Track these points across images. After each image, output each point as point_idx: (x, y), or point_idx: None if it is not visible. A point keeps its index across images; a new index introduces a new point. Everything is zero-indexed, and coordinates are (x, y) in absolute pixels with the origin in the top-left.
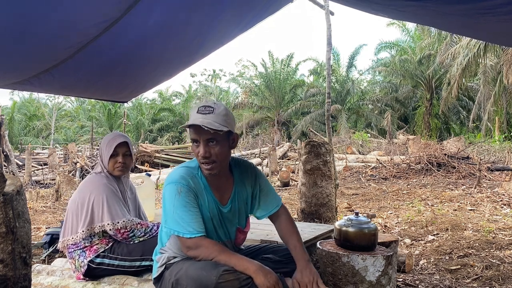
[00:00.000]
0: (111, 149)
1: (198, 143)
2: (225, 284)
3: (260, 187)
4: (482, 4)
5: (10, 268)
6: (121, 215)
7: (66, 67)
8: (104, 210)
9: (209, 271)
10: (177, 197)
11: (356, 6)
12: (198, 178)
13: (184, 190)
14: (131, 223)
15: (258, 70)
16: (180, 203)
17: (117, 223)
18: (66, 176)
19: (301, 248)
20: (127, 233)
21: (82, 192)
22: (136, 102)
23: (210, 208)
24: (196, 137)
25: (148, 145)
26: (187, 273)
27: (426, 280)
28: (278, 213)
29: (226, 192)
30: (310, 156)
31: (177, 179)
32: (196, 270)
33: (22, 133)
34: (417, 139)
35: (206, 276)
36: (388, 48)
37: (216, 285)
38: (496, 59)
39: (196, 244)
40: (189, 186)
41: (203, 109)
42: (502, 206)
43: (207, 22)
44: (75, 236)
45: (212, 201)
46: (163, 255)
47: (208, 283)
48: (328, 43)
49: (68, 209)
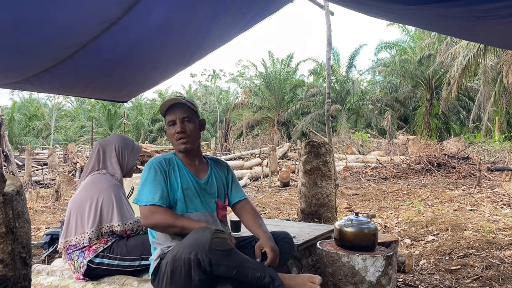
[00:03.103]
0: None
1: (174, 123)
2: (219, 241)
3: (232, 177)
4: (481, 7)
5: (10, 268)
6: (129, 216)
7: (66, 67)
8: (113, 211)
9: (203, 232)
10: (146, 173)
11: (355, 9)
12: (172, 159)
13: (153, 167)
14: (138, 224)
15: (258, 70)
16: (147, 178)
17: (126, 225)
18: (66, 176)
19: (265, 227)
20: (133, 234)
21: (88, 192)
22: (136, 102)
23: (184, 181)
24: (173, 118)
25: (148, 145)
26: (182, 244)
27: (426, 280)
28: (245, 202)
29: (203, 170)
30: (310, 156)
31: (151, 161)
32: (189, 237)
33: (22, 133)
34: (417, 139)
35: (200, 236)
36: (388, 48)
37: (211, 242)
38: (496, 59)
39: (150, 211)
40: (160, 164)
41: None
42: (502, 206)
43: (207, 22)
44: (79, 237)
45: (186, 174)
46: (157, 250)
47: (203, 242)
48: (328, 43)
49: (70, 209)
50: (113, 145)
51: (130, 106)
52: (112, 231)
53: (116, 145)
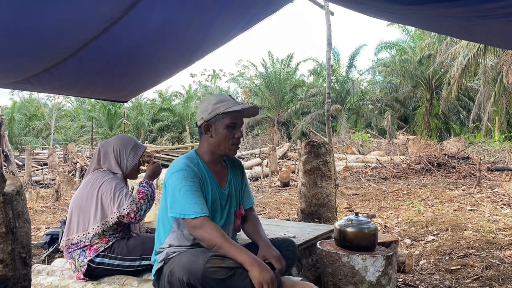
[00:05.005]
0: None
1: (236, 126)
2: (213, 269)
3: (245, 181)
4: (480, 7)
5: (10, 268)
6: (125, 202)
7: (66, 67)
8: (111, 201)
9: (198, 256)
10: (184, 182)
11: (355, 9)
12: (200, 165)
13: (190, 175)
14: (135, 203)
15: (258, 70)
16: (186, 187)
17: (123, 210)
18: (66, 176)
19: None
20: (138, 215)
21: (89, 189)
22: (136, 102)
23: (213, 192)
24: (237, 121)
25: (148, 145)
26: (179, 262)
27: (426, 280)
28: (251, 209)
29: (224, 177)
30: (310, 156)
31: (182, 167)
32: (187, 257)
33: (22, 133)
34: (417, 139)
35: (194, 261)
36: (388, 48)
37: (204, 270)
38: (496, 59)
39: (200, 224)
40: (193, 172)
41: (236, 99)
42: (502, 206)
43: (207, 22)
44: (81, 235)
45: (214, 185)
46: (162, 252)
47: (196, 268)
48: (328, 43)
49: (72, 207)
50: (112, 146)
51: (130, 106)
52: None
53: (115, 146)
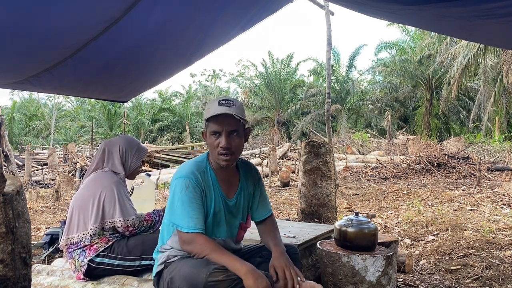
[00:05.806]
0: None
1: (219, 134)
2: (215, 283)
3: (261, 190)
4: (480, 7)
5: (10, 268)
6: (131, 212)
7: (66, 67)
8: (116, 206)
9: (199, 269)
10: (183, 192)
11: (355, 9)
12: (207, 172)
13: (191, 185)
14: (139, 220)
15: (258, 70)
16: (185, 198)
17: (128, 221)
18: (66, 176)
19: (280, 241)
20: (135, 231)
21: (91, 189)
22: (136, 102)
23: (216, 203)
24: (218, 129)
25: (148, 145)
26: (179, 272)
27: (426, 280)
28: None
29: (233, 186)
30: (310, 156)
31: (186, 174)
32: (188, 269)
33: (22, 133)
34: (417, 139)
35: (196, 274)
36: (388, 48)
37: (206, 283)
38: (496, 59)
39: (191, 239)
40: (197, 181)
41: (225, 102)
42: (502, 206)
43: (207, 22)
44: (81, 234)
45: (219, 195)
46: (164, 254)
47: (198, 281)
48: (328, 43)
49: (73, 207)
50: (118, 146)
51: (130, 106)
52: (114, 227)
53: (121, 146)
